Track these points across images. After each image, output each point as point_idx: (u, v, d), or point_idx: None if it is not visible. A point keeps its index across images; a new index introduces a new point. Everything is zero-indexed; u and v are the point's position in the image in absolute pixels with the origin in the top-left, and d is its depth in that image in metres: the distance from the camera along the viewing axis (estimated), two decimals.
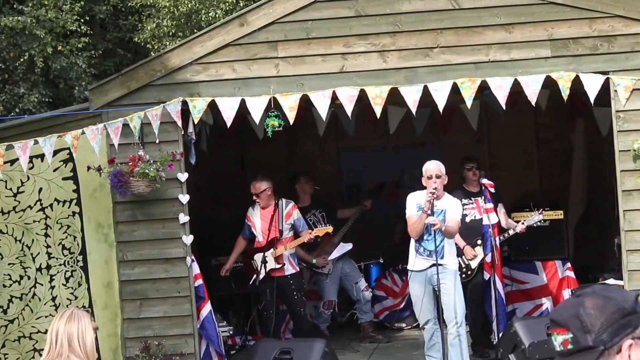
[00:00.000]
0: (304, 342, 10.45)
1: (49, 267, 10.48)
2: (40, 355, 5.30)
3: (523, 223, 11.07)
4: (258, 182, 11.53)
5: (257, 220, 11.54)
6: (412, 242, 10.12)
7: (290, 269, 11.56)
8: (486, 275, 10.82)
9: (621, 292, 2.66)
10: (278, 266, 11.41)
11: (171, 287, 10.41)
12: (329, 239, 12.52)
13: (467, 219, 11.05)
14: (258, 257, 11.47)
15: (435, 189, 9.87)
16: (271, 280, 11.39)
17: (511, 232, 11.13)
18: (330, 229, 11.46)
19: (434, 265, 9.86)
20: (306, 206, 12.60)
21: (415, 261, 10.01)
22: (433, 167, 10.03)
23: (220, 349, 10.57)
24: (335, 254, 12.58)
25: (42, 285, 10.48)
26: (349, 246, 12.66)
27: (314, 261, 12.43)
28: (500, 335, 10.60)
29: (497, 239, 10.73)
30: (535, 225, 11.22)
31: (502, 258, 10.96)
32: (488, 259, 10.66)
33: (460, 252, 10.91)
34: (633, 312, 2.61)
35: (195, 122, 10.22)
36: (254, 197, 11.50)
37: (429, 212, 9.85)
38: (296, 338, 11.68)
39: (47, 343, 5.27)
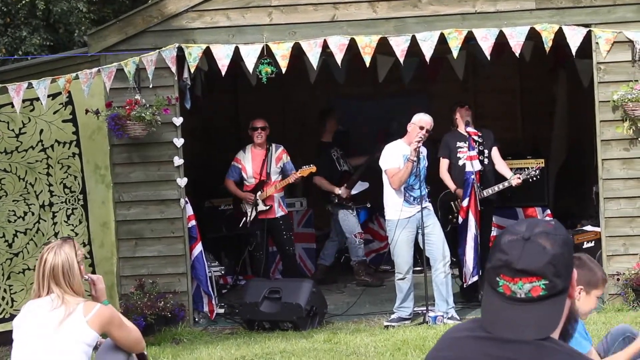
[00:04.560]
0: (293, 282, 10.51)
1: (51, 204, 10.49)
2: None
3: (519, 177, 10.70)
4: (261, 119, 11.59)
5: (248, 163, 11.56)
6: (394, 193, 10.13)
7: (279, 211, 11.63)
8: (459, 219, 10.72)
9: (554, 224, 2.59)
10: (265, 208, 11.46)
11: (165, 228, 10.44)
12: (348, 177, 12.65)
13: (460, 162, 10.89)
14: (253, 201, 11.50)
15: (421, 139, 9.92)
16: (261, 222, 11.44)
17: (506, 184, 10.78)
18: (313, 168, 11.43)
19: (425, 208, 10.03)
20: (329, 142, 12.81)
21: (403, 209, 10.04)
22: (428, 120, 10.09)
23: (208, 290, 10.58)
24: (356, 189, 12.63)
25: (45, 221, 10.50)
26: (366, 184, 12.72)
27: (340, 191, 12.43)
28: (480, 275, 10.55)
29: (478, 185, 10.61)
30: (530, 180, 10.90)
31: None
32: (464, 203, 10.56)
33: (452, 197, 10.87)
34: (573, 242, 2.56)
35: (192, 70, 10.18)
36: (255, 132, 11.47)
37: (415, 159, 9.88)
38: (285, 278, 11.74)
39: (35, 280, 5.22)
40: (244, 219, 11.52)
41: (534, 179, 10.87)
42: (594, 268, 5.28)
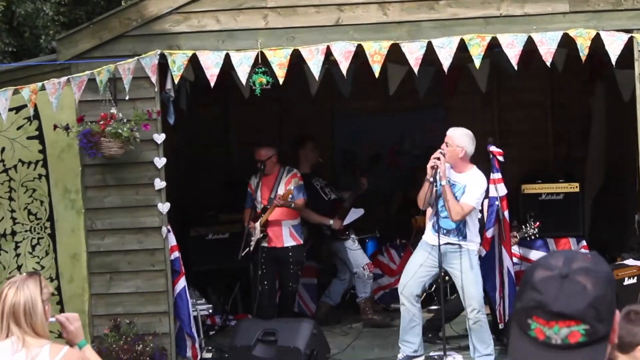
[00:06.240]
0: (290, 323, 10.49)
1: (14, 233, 10.48)
2: None
3: (516, 237, 11.24)
4: (262, 148, 11.79)
5: (257, 189, 11.73)
6: (429, 214, 10.16)
7: (290, 241, 11.79)
8: (482, 252, 10.68)
9: (593, 258, 2.55)
10: (259, 236, 11.56)
11: (145, 260, 10.41)
12: (340, 205, 12.67)
13: None
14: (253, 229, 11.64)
15: (443, 155, 9.82)
16: (268, 251, 11.65)
17: None
18: (290, 191, 11.58)
19: (449, 243, 9.97)
20: (307, 173, 12.66)
21: (427, 233, 10.05)
22: (449, 132, 10.08)
23: (191, 331, 10.52)
24: (349, 219, 12.64)
25: (6, 252, 10.49)
26: (360, 211, 12.71)
27: (331, 222, 12.45)
28: (508, 319, 10.57)
29: (505, 212, 10.64)
30: (528, 238, 11.52)
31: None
32: (489, 234, 10.55)
33: None
34: (614, 279, 2.55)
35: (176, 80, 10.17)
36: (258, 165, 11.72)
37: (431, 179, 9.82)
38: (281, 318, 11.71)
39: None
40: (247, 248, 11.63)
41: (533, 237, 11.47)
42: None
